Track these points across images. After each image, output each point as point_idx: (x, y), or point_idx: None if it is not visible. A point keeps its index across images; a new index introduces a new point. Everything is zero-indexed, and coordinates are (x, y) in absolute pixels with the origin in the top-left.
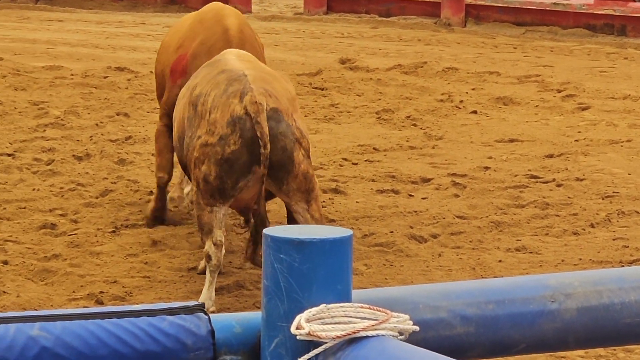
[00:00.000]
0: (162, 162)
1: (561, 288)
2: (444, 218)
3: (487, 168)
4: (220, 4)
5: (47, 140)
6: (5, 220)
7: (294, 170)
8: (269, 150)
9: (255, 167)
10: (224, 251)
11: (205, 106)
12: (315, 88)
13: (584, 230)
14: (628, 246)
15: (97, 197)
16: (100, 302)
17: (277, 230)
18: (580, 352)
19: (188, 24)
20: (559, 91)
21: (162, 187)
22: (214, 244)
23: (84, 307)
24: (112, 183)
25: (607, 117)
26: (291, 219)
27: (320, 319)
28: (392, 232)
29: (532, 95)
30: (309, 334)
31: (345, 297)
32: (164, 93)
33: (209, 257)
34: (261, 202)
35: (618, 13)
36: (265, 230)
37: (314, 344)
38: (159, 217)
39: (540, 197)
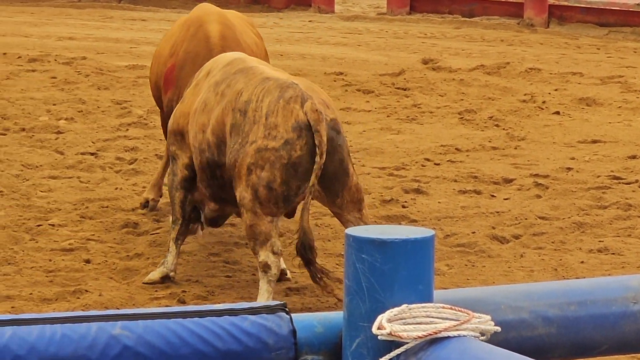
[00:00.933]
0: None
1: None
2: (526, 219)
3: (569, 169)
4: (208, 6)
5: (130, 139)
6: (88, 219)
7: (349, 183)
8: (324, 160)
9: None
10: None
11: (259, 112)
12: (398, 88)
13: None
14: None
15: None
16: (182, 302)
17: (358, 230)
18: None
19: (178, 30)
20: None
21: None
22: (274, 253)
23: (166, 306)
24: None
25: None
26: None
27: (401, 319)
28: (474, 232)
29: (615, 96)
30: (390, 334)
31: (427, 298)
32: (162, 104)
33: (267, 267)
34: (306, 215)
35: None
36: (348, 231)
37: (395, 344)
38: (156, 193)
39: (622, 198)
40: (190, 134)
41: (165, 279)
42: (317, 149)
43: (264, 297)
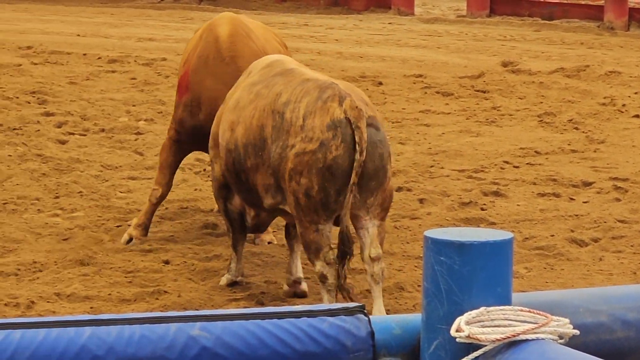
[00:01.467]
0: (160, 176)
1: None
2: (605, 222)
3: None
4: (226, 13)
5: None
6: (168, 220)
7: (385, 183)
8: (364, 157)
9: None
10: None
11: (296, 112)
12: (477, 91)
13: None
14: None
15: None
16: (260, 303)
17: (437, 232)
18: None
19: (193, 40)
20: None
21: (154, 203)
22: (327, 263)
23: (245, 307)
24: None
25: None
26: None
27: (479, 321)
28: (552, 235)
29: None
30: (468, 336)
31: (505, 300)
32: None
33: (324, 277)
34: (347, 217)
35: None
36: (427, 233)
37: (474, 346)
38: (141, 232)
39: None
40: (219, 132)
41: (234, 285)
42: (357, 146)
43: None
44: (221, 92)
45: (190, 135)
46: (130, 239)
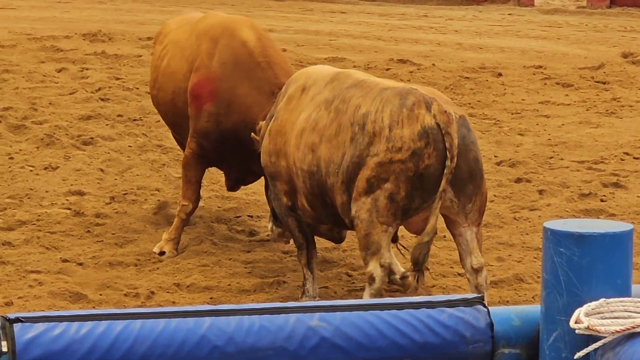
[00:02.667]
0: (189, 192)
1: None
2: None
3: None
4: (220, 15)
5: None
6: None
7: (482, 186)
8: (454, 164)
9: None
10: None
11: (379, 123)
12: (597, 82)
13: None
14: None
15: None
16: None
17: (556, 224)
18: None
19: (193, 43)
20: None
21: (185, 218)
22: (381, 266)
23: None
24: None
25: None
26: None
27: (599, 313)
28: None
29: None
30: (588, 328)
31: (625, 292)
32: (177, 120)
33: (372, 279)
34: (434, 220)
35: None
36: (546, 224)
37: (593, 338)
38: (173, 247)
39: None
40: (294, 155)
41: None
42: (447, 152)
43: None
44: (255, 98)
45: (217, 146)
46: (163, 253)
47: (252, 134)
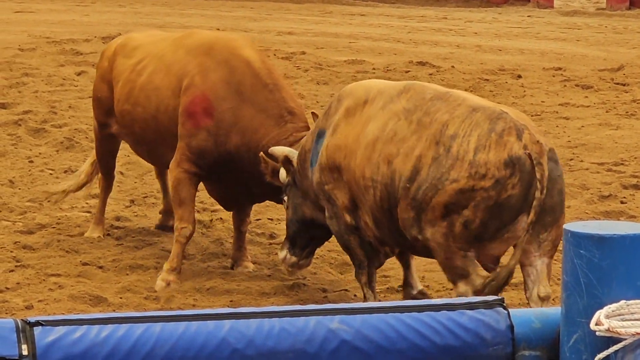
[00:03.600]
0: (185, 213)
1: None
2: None
3: None
4: (209, 32)
5: None
6: None
7: (561, 219)
8: (544, 195)
9: (523, 215)
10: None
11: (464, 146)
12: (617, 84)
13: None
14: None
15: None
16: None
17: (576, 225)
18: None
19: (181, 59)
20: None
21: (184, 242)
22: (474, 292)
23: (384, 300)
24: None
25: None
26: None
27: (619, 315)
28: None
29: None
30: (608, 330)
31: None
32: (156, 138)
33: None
34: (518, 253)
35: None
36: (566, 226)
37: (613, 340)
38: (177, 276)
39: None
40: (363, 168)
41: None
42: (538, 183)
43: None
44: (262, 121)
45: (213, 167)
46: (168, 284)
47: (262, 153)
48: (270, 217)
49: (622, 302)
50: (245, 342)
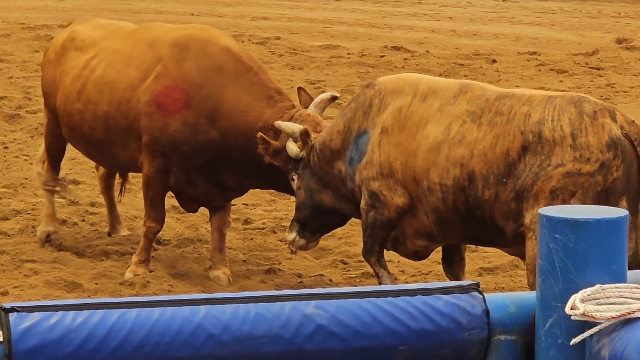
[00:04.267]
0: (154, 212)
1: None
2: None
3: None
4: (172, 25)
5: (324, 119)
6: (282, 199)
7: None
8: None
9: (623, 198)
10: None
11: (558, 131)
12: (592, 68)
13: None
14: None
15: None
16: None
17: (552, 210)
18: None
19: (144, 52)
20: None
21: (152, 238)
22: None
23: (360, 285)
24: None
25: None
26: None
27: (595, 299)
28: None
29: None
30: (583, 314)
31: (620, 278)
32: (109, 136)
33: None
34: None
35: None
36: (541, 210)
37: (589, 324)
38: (146, 268)
39: None
40: (426, 171)
41: None
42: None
43: None
44: (249, 103)
45: (192, 158)
46: (137, 276)
47: (260, 133)
48: (245, 203)
49: (598, 286)
50: (221, 328)
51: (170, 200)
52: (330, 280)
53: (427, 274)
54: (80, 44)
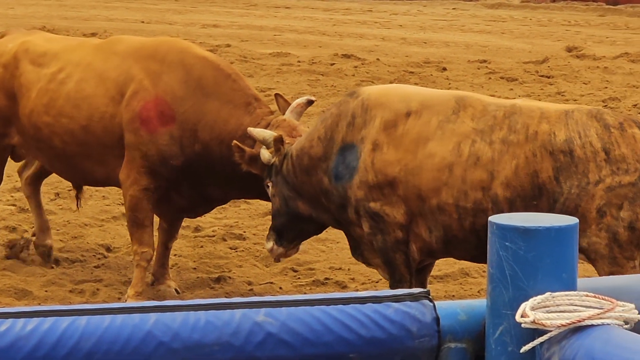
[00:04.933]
0: (145, 236)
1: None
2: None
3: None
4: (140, 38)
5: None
6: (232, 207)
7: None
8: None
9: None
10: None
11: (588, 147)
12: (542, 76)
13: None
14: None
15: None
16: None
17: (502, 217)
18: None
19: (117, 65)
20: None
21: (146, 266)
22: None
23: (309, 293)
24: None
25: None
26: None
27: (545, 307)
28: None
29: None
30: (533, 322)
31: (571, 286)
32: (84, 151)
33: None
34: None
35: None
36: (491, 218)
37: (539, 332)
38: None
39: None
40: (438, 191)
41: None
42: None
43: None
44: (230, 112)
45: (179, 173)
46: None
47: (235, 142)
48: None
49: (548, 294)
50: (171, 335)
51: (120, 207)
52: (281, 287)
53: (377, 282)
54: (38, 57)
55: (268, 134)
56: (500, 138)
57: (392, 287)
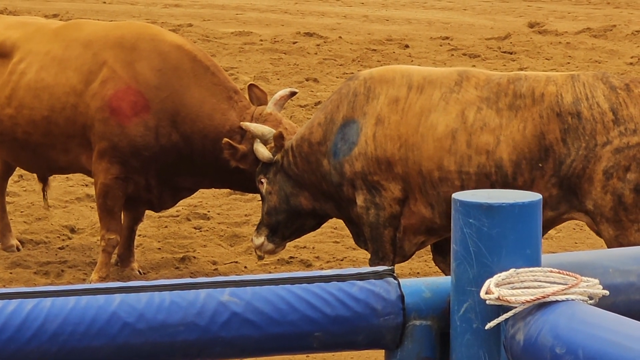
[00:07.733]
0: (112, 223)
1: None
2: None
3: None
4: (103, 23)
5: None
6: None
7: None
8: None
9: None
10: None
11: (596, 108)
12: (504, 52)
13: None
14: None
15: None
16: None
17: (465, 194)
18: None
19: (81, 54)
20: None
21: (111, 252)
22: None
23: (274, 272)
24: None
25: None
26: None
27: (509, 283)
28: None
29: None
30: (498, 298)
31: (535, 262)
32: (47, 141)
33: None
34: None
35: None
36: (455, 195)
37: (503, 308)
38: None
39: None
40: (440, 159)
41: None
42: None
43: None
44: (215, 106)
45: (152, 163)
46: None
47: (226, 139)
48: None
49: (512, 270)
50: (135, 316)
51: (84, 189)
52: (245, 267)
53: (341, 260)
54: None
55: (267, 130)
56: (506, 104)
57: (372, 264)
